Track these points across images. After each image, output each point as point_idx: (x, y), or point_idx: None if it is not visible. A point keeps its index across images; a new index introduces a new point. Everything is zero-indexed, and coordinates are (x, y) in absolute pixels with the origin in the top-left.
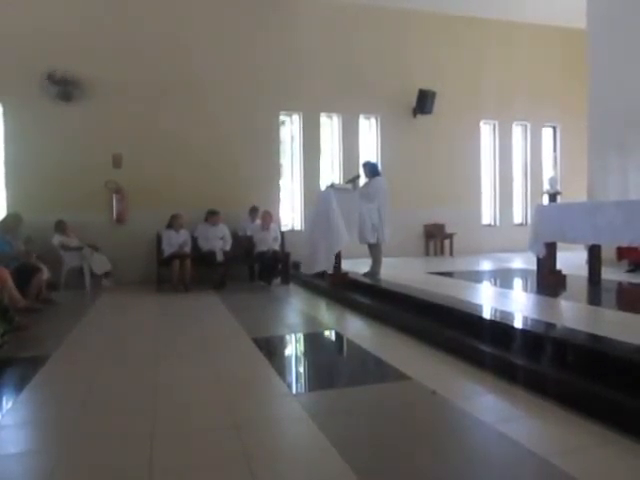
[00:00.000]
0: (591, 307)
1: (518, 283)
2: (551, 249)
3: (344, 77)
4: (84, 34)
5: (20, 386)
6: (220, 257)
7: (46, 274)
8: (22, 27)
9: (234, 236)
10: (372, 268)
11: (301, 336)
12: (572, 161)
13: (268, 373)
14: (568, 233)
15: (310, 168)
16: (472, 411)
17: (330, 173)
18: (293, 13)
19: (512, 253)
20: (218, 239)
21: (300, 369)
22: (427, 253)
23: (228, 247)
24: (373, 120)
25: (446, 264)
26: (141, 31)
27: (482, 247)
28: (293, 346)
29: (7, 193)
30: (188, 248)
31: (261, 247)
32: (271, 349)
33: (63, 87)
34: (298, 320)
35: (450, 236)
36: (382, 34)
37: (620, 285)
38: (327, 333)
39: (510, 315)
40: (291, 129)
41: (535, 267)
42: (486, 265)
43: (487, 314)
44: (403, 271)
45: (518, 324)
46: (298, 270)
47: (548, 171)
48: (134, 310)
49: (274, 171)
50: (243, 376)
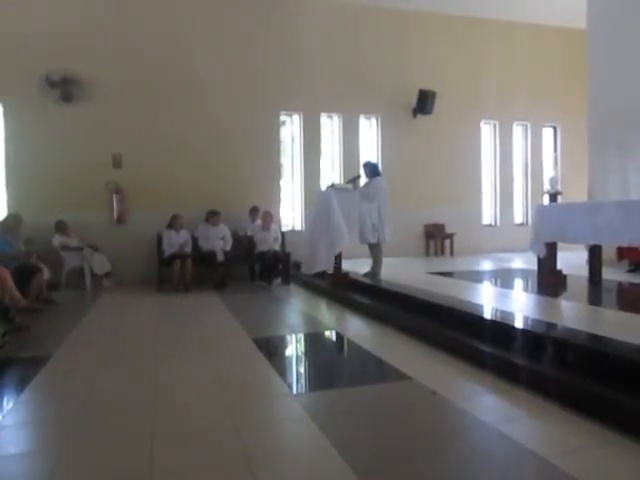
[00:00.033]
0: (591, 307)
1: (519, 283)
2: (552, 249)
3: (344, 77)
4: (84, 34)
5: (21, 386)
6: (221, 257)
7: (46, 274)
8: (22, 27)
9: (234, 236)
10: (373, 268)
11: (301, 336)
12: (572, 161)
13: (268, 373)
14: (568, 233)
15: (310, 168)
16: (472, 411)
17: (330, 173)
18: (293, 13)
19: (512, 253)
20: (219, 239)
21: (300, 369)
22: (427, 253)
23: (229, 247)
24: (373, 120)
25: (446, 264)
26: (141, 31)
27: (482, 247)
28: (293, 346)
29: (7, 193)
30: (189, 248)
31: (262, 247)
32: (271, 349)
33: (63, 88)
34: (298, 320)
35: (450, 236)
36: (382, 34)
37: (620, 285)
38: (327, 333)
39: (510, 315)
40: (291, 129)
41: (536, 267)
42: (486, 265)
43: (487, 314)
44: (403, 271)
45: (518, 324)
46: (298, 270)
47: (548, 171)
48: (134, 310)
49: (274, 171)
50: (243, 376)
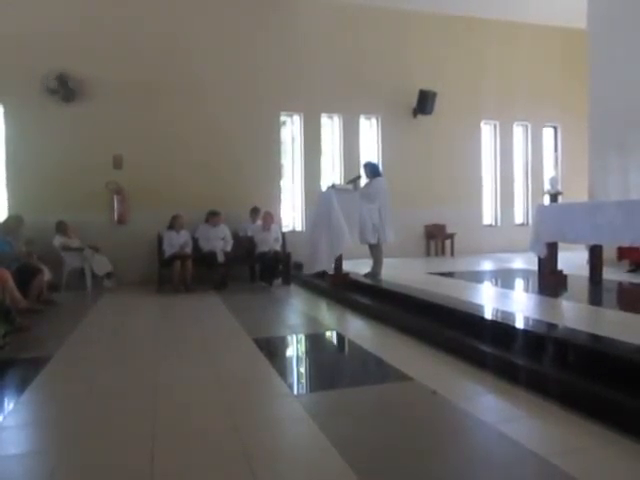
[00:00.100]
0: (592, 307)
1: (519, 283)
2: (552, 249)
3: (344, 77)
4: (84, 34)
5: (22, 387)
6: (221, 258)
7: (47, 275)
8: (22, 27)
9: (235, 237)
10: (373, 269)
11: (302, 337)
12: (573, 161)
13: (269, 373)
14: (569, 233)
15: (311, 168)
16: (473, 411)
17: (331, 173)
18: (293, 13)
19: (513, 253)
20: (219, 240)
21: (301, 369)
22: (428, 253)
23: (229, 248)
24: (374, 120)
25: (447, 264)
26: (141, 31)
27: (483, 247)
28: (294, 347)
29: (8, 194)
30: (189, 249)
31: (262, 248)
32: (272, 349)
33: (62, 88)
34: (299, 321)
35: (451, 236)
36: (382, 34)
37: (621, 285)
38: (328, 334)
39: (511, 315)
40: (292, 129)
41: (536, 267)
42: (487, 265)
43: (488, 314)
44: (404, 271)
45: (519, 324)
46: (299, 271)
47: (549, 171)
48: (135, 311)
49: (275, 171)
50: (244, 376)
